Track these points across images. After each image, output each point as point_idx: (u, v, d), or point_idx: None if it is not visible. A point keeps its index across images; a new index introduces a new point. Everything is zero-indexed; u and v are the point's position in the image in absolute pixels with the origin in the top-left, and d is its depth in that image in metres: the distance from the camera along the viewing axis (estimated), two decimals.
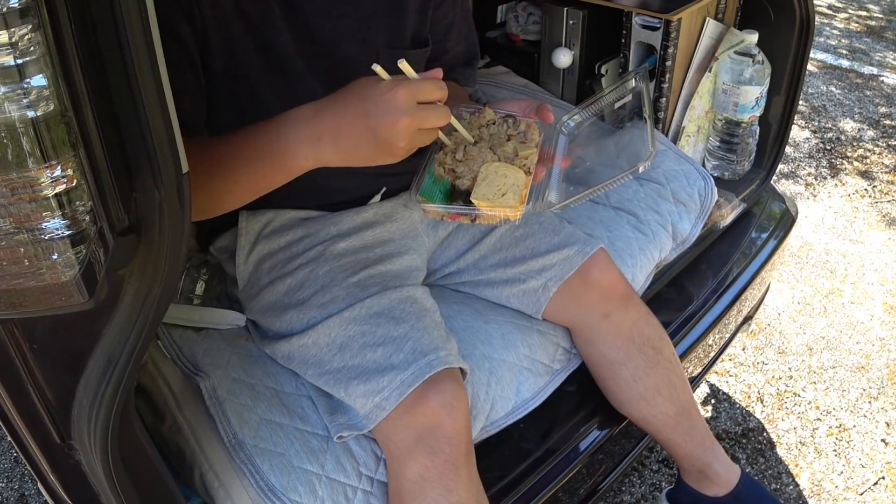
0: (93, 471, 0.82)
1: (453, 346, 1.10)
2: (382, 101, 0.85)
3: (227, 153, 0.96)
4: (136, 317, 0.73)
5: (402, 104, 0.84)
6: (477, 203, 0.94)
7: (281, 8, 1.07)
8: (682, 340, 1.48)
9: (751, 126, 1.69)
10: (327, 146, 0.89)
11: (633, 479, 1.75)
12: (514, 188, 0.94)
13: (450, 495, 0.99)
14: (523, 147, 1.00)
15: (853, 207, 2.74)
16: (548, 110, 1.02)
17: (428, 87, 0.85)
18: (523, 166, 0.98)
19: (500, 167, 0.96)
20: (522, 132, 1.03)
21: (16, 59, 0.54)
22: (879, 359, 2.08)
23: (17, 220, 0.59)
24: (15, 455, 1.81)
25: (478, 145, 1.01)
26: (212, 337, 1.21)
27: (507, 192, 0.94)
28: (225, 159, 0.95)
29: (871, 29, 4.37)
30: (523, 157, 0.99)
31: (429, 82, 0.86)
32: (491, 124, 1.04)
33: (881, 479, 1.75)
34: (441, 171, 0.99)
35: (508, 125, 1.04)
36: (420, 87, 0.85)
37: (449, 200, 0.97)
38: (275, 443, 1.05)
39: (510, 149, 1.00)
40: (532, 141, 1.02)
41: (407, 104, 0.84)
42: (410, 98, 0.84)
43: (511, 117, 1.05)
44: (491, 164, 0.97)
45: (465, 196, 0.96)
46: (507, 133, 1.03)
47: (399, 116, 0.84)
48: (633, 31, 1.61)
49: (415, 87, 0.85)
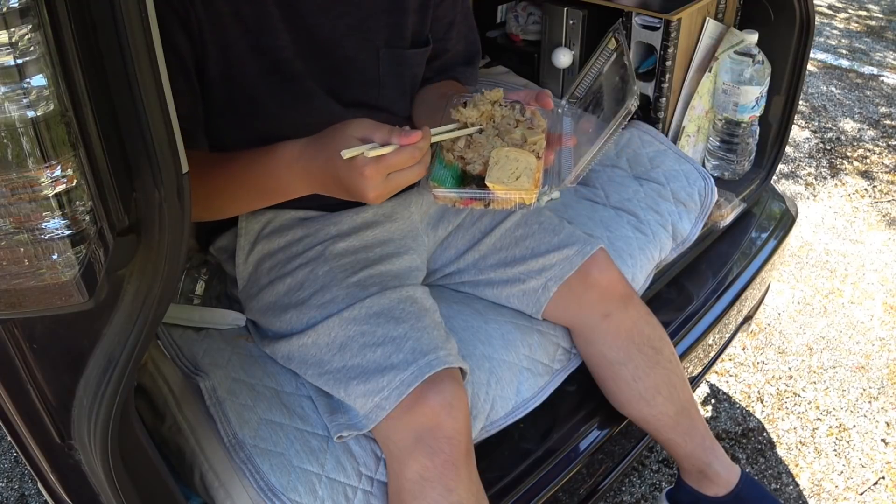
0: (93, 471, 0.82)
1: (453, 346, 1.10)
2: (350, 176, 0.88)
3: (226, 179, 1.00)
4: (136, 317, 0.73)
5: (369, 183, 0.87)
6: (492, 187, 0.93)
7: (280, 9, 1.07)
8: (682, 340, 1.47)
9: (751, 126, 1.69)
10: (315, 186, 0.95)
11: (633, 479, 1.75)
12: (527, 171, 0.94)
13: (450, 495, 0.99)
14: (531, 133, 0.99)
15: (853, 207, 2.74)
16: (547, 96, 1.02)
17: (399, 159, 0.86)
18: (533, 151, 0.97)
19: (512, 151, 0.96)
20: (529, 118, 1.02)
21: (16, 59, 0.54)
22: (879, 359, 2.08)
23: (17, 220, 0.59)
24: (15, 455, 1.81)
25: (484, 132, 1.00)
26: (212, 337, 1.21)
27: (521, 175, 0.93)
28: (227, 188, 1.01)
29: (871, 29, 4.38)
30: (532, 142, 0.98)
31: (401, 154, 0.86)
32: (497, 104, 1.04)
33: (881, 479, 1.75)
34: (450, 157, 0.98)
35: (516, 111, 1.03)
36: (389, 162, 0.86)
37: (461, 186, 0.97)
38: (275, 443, 1.05)
39: (518, 135, 0.99)
40: (539, 127, 1.01)
41: (374, 181, 0.87)
42: (379, 175, 0.87)
43: (517, 103, 1.04)
44: (502, 149, 0.96)
45: (478, 181, 0.96)
46: (515, 119, 1.02)
47: (366, 191, 0.88)
48: (633, 31, 1.61)
49: (383, 165, 0.86)
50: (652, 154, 1.63)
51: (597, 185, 1.59)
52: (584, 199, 1.57)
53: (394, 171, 0.87)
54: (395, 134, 0.87)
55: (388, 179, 0.88)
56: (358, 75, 1.17)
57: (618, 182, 1.58)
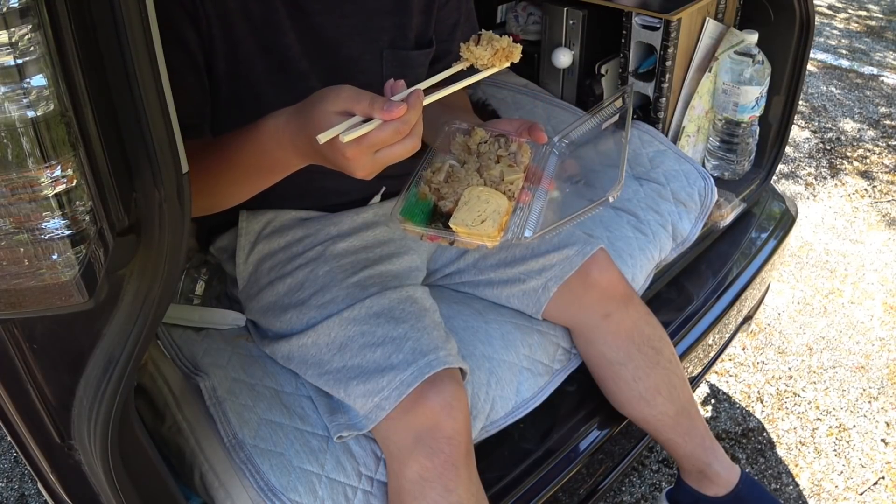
0: (93, 471, 0.82)
1: (453, 346, 1.10)
2: (334, 158, 0.81)
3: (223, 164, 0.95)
4: (136, 317, 0.73)
5: (353, 164, 0.81)
6: (455, 228, 0.93)
7: (286, 7, 1.07)
8: (682, 340, 1.48)
9: (751, 126, 1.69)
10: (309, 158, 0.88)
11: (633, 479, 1.75)
12: (494, 215, 0.93)
13: (449, 495, 0.99)
14: (510, 171, 0.99)
15: (853, 207, 2.74)
16: (540, 130, 1.01)
17: (383, 136, 0.78)
18: (508, 191, 0.97)
19: (484, 192, 0.96)
20: (513, 153, 1.02)
21: (16, 59, 0.54)
22: (879, 359, 2.08)
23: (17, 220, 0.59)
24: (15, 455, 1.81)
25: (465, 166, 1.00)
26: (212, 337, 1.21)
27: (486, 218, 0.93)
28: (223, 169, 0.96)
29: (871, 29, 4.37)
30: (508, 181, 0.98)
31: (385, 131, 0.78)
32: (483, 143, 1.04)
33: (881, 479, 1.75)
34: (426, 189, 0.98)
35: (500, 144, 1.04)
36: (373, 141, 0.79)
37: (430, 221, 0.96)
38: (275, 443, 1.05)
39: (497, 172, 0.99)
40: (522, 163, 1.01)
41: (359, 162, 0.80)
42: (364, 156, 0.80)
43: (503, 136, 1.04)
44: (475, 189, 0.96)
45: (447, 218, 0.95)
46: (497, 154, 1.02)
47: (354, 172, 0.82)
48: (633, 31, 1.61)
49: (366, 145, 0.79)
50: (652, 154, 1.63)
51: (597, 186, 1.58)
52: (585, 198, 1.56)
53: (380, 148, 0.80)
54: (377, 107, 0.77)
55: (375, 158, 0.81)
56: (362, 76, 1.17)
57: None
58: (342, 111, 0.79)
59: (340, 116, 0.79)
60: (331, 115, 0.80)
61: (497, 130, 1.05)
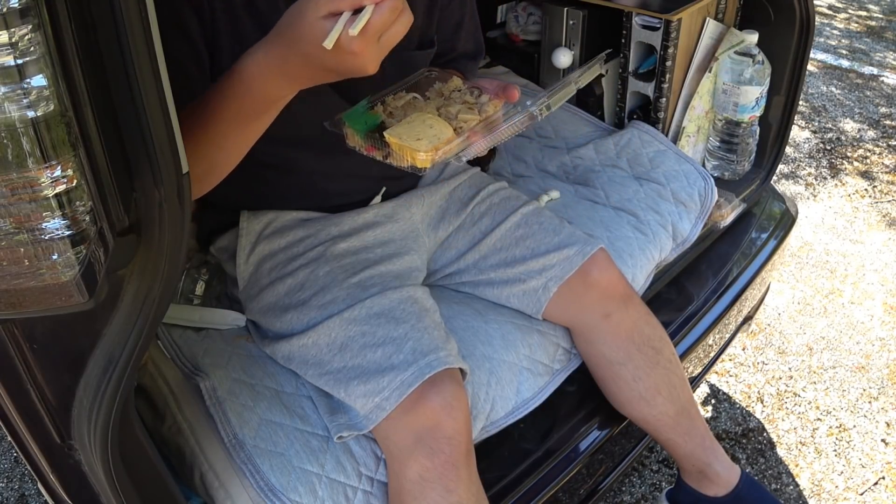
0: (93, 471, 0.82)
1: (453, 347, 1.10)
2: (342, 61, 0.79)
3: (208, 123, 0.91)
4: (136, 317, 0.73)
5: (363, 58, 0.78)
6: (388, 138, 0.90)
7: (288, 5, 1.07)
8: (682, 340, 1.47)
9: (751, 126, 1.69)
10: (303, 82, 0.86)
11: (633, 479, 1.75)
12: (433, 138, 0.89)
13: (449, 496, 0.99)
14: (467, 111, 0.96)
15: (853, 207, 2.74)
16: (514, 89, 1.00)
17: (383, 18, 0.77)
18: (458, 128, 0.93)
19: (430, 118, 0.92)
20: (482, 104, 0.99)
21: (16, 59, 0.54)
22: (879, 359, 2.08)
23: (17, 220, 0.59)
24: (15, 455, 1.81)
25: (427, 101, 0.98)
26: (212, 337, 1.21)
27: (423, 139, 0.89)
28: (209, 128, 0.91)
29: (871, 29, 4.37)
30: (462, 119, 0.95)
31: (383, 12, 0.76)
32: (456, 91, 1.02)
33: (881, 479, 1.75)
34: (380, 108, 0.96)
35: (473, 95, 1.01)
36: (376, 27, 0.77)
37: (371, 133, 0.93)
38: (275, 443, 1.05)
39: (454, 110, 0.96)
40: (484, 112, 0.98)
41: (369, 55, 0.78)
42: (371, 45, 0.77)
43: (477, 89, 1.02)
44: (423, 114, 0.93)
45: None
46: (464, 100, 1.00)
47: (365, 67, 0.79)
48: (633, 31, 1.61)
49: (371, 33, 0.76)
50: (652, 154, 1.63)
51: (597, 185, 1.59)
52: (584, 199, 1.57)
53: (382, 32, 0.78)
54: None
55: (380, 44, 0.79)
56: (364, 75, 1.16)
57: (618, 182, 1.58)
58: (329, 14, 0.77)
59: (328, 20, 0.78)
60: (320, 22, 0.78)
61: (475, 85, 1.03)
